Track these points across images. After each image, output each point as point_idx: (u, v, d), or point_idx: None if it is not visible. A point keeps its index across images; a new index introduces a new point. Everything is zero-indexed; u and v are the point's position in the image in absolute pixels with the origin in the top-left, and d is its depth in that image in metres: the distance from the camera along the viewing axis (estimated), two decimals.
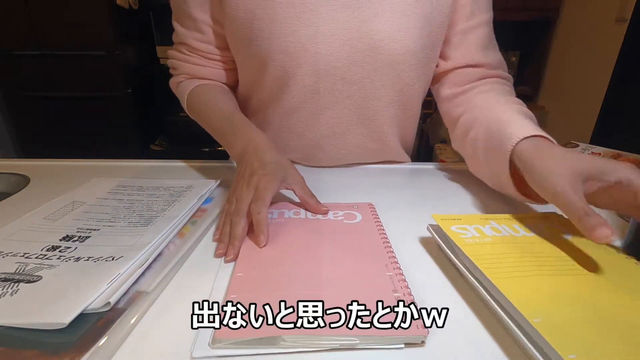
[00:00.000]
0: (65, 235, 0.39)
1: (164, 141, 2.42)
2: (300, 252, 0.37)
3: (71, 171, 0.61)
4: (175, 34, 0.61)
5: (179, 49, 0.62)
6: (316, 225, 0.42)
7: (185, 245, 0.39)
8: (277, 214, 0.45)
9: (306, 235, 0.40)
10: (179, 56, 0.62)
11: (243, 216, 0.40)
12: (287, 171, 0.46)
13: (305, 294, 0.29)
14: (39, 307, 0.28)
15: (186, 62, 0.61)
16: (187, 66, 0.62)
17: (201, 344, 0.27)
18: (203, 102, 0.60)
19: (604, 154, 0.66)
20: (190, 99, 0.61)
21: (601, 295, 0.29)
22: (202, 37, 0.59)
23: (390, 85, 0.56)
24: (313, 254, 0.37)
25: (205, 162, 0.66)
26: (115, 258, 0.34)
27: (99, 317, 0.28)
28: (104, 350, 0.26)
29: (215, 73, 0.62)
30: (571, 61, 2.11)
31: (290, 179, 0.46)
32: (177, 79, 0.64)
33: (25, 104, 2.05)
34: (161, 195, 0.49)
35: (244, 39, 0.54)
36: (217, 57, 0.61)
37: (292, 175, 0.46)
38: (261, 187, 0.41)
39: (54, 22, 1.89)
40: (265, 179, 0.42)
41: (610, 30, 1.82)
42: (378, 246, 0.38)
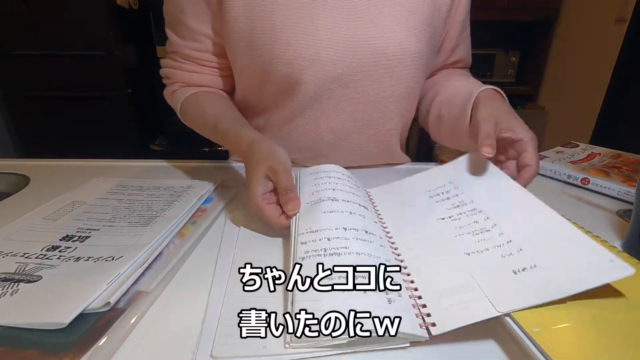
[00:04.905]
0: (65, 235, 0.39)
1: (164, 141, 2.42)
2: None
3: (71, 171, 0.61)
4: (169, 43, 0.59)
5: (172, 57, 0.60)
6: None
7: (185, 245, 0.39)
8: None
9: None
10: (173, 64, 0.60)
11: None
12: (262, 171, 0.43)
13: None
14: (39, 307, 0.28)
15: (180, 69, 0.59)
16: (181, 74, 0.60)
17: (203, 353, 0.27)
18: (198, 113, 0.58)
19: (604, 154, 0.66)
20: (184, 108, 0.59)
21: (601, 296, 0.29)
22: (198, 46, 0.57)
23: (391, 90, 0.56)
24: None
25: (205, 162, 0.66)
26: (115, 258, 0.34)
27: (99, 317, 0.28)
28: (104, 350, 0.26)
29: (210, 79, 0.61)
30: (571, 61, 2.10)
31: (270, 175, 0.43)
32: (172, 88, 0.62)
33: (25, 104, 2.05)
34: (161, 195, 0.49)
35: (244, 49, 0.53)
36: (213, 64, 0.59)
37: (271, 173, 0.43)
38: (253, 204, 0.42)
39: (54, 22, 1.89)
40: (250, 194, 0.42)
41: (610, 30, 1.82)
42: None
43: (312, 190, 0.43)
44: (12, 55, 1.95)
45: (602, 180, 0.56)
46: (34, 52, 1.94)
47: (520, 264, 0.30)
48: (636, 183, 0.40)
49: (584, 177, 0.58)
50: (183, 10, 0.54)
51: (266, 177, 0.42)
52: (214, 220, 0.46)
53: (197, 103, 0.58)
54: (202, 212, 0.47)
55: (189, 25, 0.55)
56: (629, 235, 0.40)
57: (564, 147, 0.71)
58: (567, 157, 0.66)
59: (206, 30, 0.55)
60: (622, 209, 0.50)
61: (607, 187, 0.55)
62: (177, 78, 0.60)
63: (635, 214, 0.39)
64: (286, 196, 0.40)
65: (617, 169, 0.60)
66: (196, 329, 0.29)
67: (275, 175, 0.42)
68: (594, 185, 0.56)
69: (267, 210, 0.41)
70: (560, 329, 0.26)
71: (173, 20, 0.57)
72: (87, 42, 1.94)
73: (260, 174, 0.42)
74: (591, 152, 0.68)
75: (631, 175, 0.57)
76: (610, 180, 0.55)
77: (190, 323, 0.29)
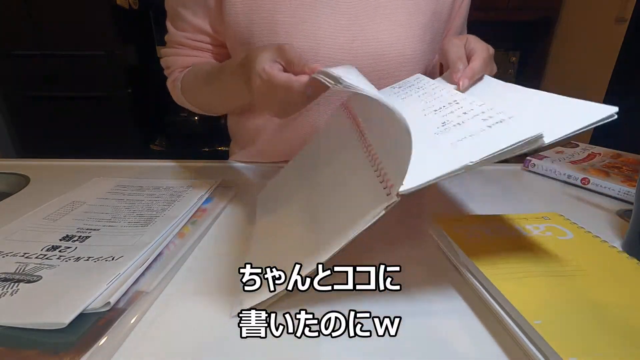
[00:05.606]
0: (65, 235, 0.39)
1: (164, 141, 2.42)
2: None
3: (71, 171, 0.61)
4: (168, 34, 0.61)
5: (171, 46, 0.61)
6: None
7: (185, 245, 0.39)
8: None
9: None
10: (171, 51, 0.61)
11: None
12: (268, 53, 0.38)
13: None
14: (39, 307, 0.28)
15: (178, 55, 0.61)
16: (180, 59, 0.61)
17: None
18: (193, 76, 0.58)
19: (604, 154, 0.66)
20: (183, 84, 0.60)
21: (602, 296, 0.29)
22: (195, 37, 0.58)
23: None
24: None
25: (205, 162, 0.66)
26: (115, 258, 0.34)
27: (99, 317, 0.28)
28: (104, 350, 0.26)
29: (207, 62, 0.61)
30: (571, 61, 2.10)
31: (277, 56, 0.38)
32: (172, 77, 0.63)
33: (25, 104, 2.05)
34: (161, 195, 0.49)
35: (244, 47, 0.54)
36: (210, 51, 0.60)
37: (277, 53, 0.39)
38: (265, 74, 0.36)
39: (54, 22, 1.89)
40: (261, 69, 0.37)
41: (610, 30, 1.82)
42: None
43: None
44: (12, 55, 1.94)
45: (602, 180, 0.56)
46: (34, 52, 1.94)
47: (497, 118, 0.29)
48: (636, 183, 0.40)
49: (584, 177, 0.58)
50: (184, 5, 0.55)
51: (272, 60, 0.37)
52: (214, 220, 0.46)
53: (190, 72, 0.59)
54: (202, 212, 0.47)
55: (187, 20, 0.56)
56: (629, 235, 0.40)
57: (564, 147, 0.71)
58: (567, 157, 0.66)
59: (204, 26, 0.56)
60: (622, 209, 0.50)
61: (607, 187, 0.55)
62: (176, 64, 0.62)
63: (635, 214, 0.39)
64: (302, 63, 0.36)
65: (617, 169, 0.60)
66: (196, 329, 0.29)
67: (284, 52, 0.37)
68: (594, 185, 0.56)
69: (280, 74, 0.35)
70: (562, 322, 0.26)
71: (174, 14, 0.58)
72: (87, 42, 1.94)
73: (265, 55, 0.37)
74: (591, 152, 0.67)
75: (631, 175, 0.57)
76: (610, 180, 0.55)
77: (191, 323, 0.29)
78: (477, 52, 0.45)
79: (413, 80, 0.48)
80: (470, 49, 0.46)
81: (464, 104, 0.33)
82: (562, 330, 0.25)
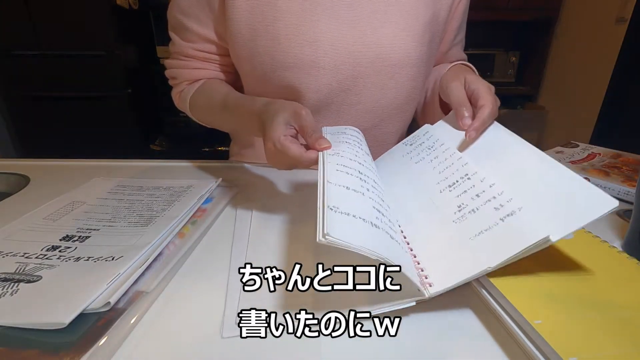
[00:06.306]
0: (65, 235, 0.39)
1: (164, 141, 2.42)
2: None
3: (71, 171, 0.61)
4: (172, 44, 0.59)
5: (176, 57, 0.60)
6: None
7: (185, 245, 0.39)
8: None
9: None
10: (177, 64, 0.60)
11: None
12: (280, 118, 0.40)
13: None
14: (39, 307, 0.28)
15: (185, 67, 0.60)
16: (186, 72, 0.60)
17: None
18: (206, 98, 0.58)
19: (604, 154, 0.66)
20: (193, 101, 0.59)
21: (602, 296, 0.29)
22: (201, 47, 0.57)
23: (392, 95, 0.57)
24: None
25: (205, 162, 0.66)
26: (115, 258, 0.34)
27: (99, 317, 0.28)
28: (104, 350, 0.26)
29: (215, 75, 0.61)
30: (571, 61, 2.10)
31: (292, 121, 0.41)
32: (179, 88, 0.62)
33: (25, 104, 2.05)
34: (161, 195, 0.49)
35: (246, 55, 0.53)
36: (217, 61, 0.60)
37: (291, 118, 0.41)
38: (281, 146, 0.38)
39: (54, 22, 1.89)
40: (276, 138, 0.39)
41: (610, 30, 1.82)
42: None
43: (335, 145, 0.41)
44: (12, 55, 1.94)
45: (602, 180, 0.56)
46: (34, 52, 1.94)
47: (508, 208, 0.31)
48: (636, 183, 0.40)
49: (584, 177, 0.57)
50: (187, 15, 0.55)
51: (287, 124, 0.40)
52: (214, 220, 0.46)
53: (203, 91, 0.59)
54: (202, 212, 0.47)
55: (193, 30, 0.55)
56: (629, 235, 0.40)
57: (564, 147, 0.71)
58: (567, 157, 0.66)
59: (210, 34, 0.55)
60: (622, 209, 0.50)
61: (607, 187, 0.55)
62: (183, 77, 0.61)
63: (635, 214, 0.39)
64: (315, 135, 0.38)
65: (617, 169, 0.60)
66: (196, 329, 0.29)
67: (299, 118, 0.39)
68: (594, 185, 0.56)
69: (293, 147, 0.38)
70: (562, 322, 0.26)
71: (177, 24, 0.57)
72: (87, 42, 1.94)
73: (281, 119, 0.39)
74: (591, 152, 0.67)
75: (631, 175, 0.57)
76: (610, 180, 0.55)
77: (190, 323, 0.29)
78: (481, 95, 0.44)
79: (422, 136, 0.49)
80: (472, 91, 0.45)
81: (476, 182, 0.36)
82: (562, 330, 0.25)
